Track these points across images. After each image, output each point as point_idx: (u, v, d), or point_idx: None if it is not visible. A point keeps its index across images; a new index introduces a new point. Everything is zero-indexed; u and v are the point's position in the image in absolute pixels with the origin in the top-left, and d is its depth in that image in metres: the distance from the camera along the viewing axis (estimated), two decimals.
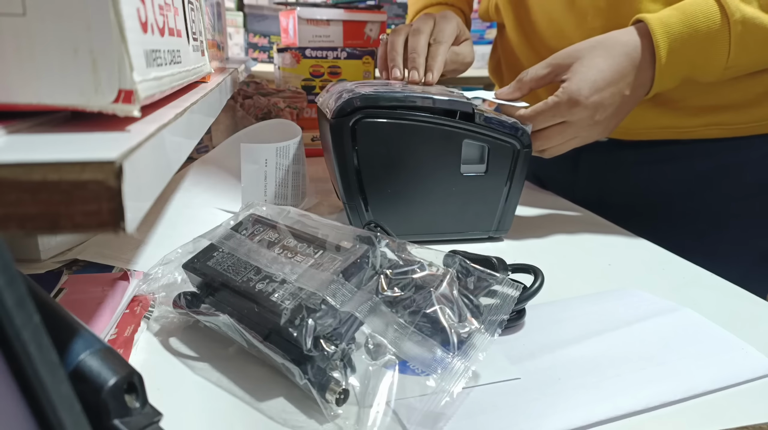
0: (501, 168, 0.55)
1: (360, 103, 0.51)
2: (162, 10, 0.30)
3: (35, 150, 0.20)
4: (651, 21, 0.56)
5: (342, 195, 0.56)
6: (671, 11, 0.56)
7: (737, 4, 0.54)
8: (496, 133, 0.54)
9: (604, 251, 0.58)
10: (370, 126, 0.52)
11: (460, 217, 0.57)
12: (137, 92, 0.23)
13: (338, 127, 0.52)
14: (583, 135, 0.59)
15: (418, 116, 0.52)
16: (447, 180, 0.55)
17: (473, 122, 0.53)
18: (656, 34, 0.55)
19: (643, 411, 0.32)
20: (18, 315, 0.16)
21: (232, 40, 2.16)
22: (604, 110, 0.56)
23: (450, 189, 0.55)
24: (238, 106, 1.02)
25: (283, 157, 0.61)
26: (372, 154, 0.53)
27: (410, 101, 0.52)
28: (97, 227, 0.19)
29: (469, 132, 0.53)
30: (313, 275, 0.35)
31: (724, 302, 0.47)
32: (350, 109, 0.51)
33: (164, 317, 0.40)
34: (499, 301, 0.38)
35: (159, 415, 0.21)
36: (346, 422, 0.30)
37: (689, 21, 0.55)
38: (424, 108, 0.52)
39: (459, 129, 0.53)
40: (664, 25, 0.55)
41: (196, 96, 0.39)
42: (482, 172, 0.55)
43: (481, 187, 0.56)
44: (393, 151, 0.53)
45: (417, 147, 0.53)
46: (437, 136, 0.53)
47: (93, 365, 0.19)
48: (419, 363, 0.33)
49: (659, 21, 0.55)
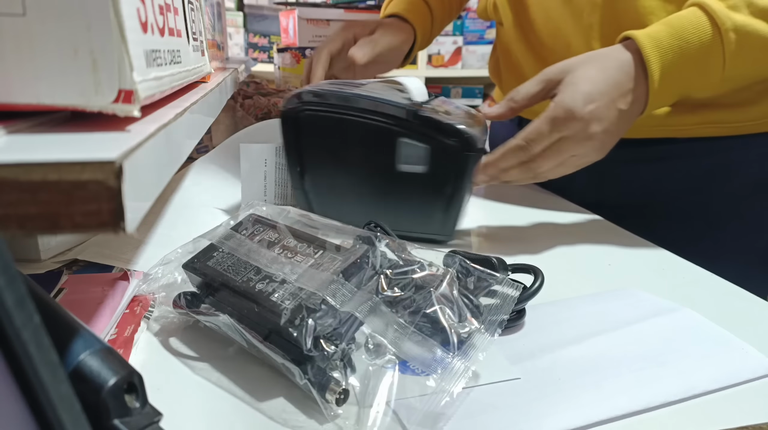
0: (442, 170, 0.53)
1: (304, 97, 0.55)
2: (162, 10, 0.30)
3: (35, 150, 0.20)
4: (639, 37, 0.55)
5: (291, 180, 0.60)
6: (659, 26, 0.55)
7: (726, 13, 0.53)
8: (436, 134, 0.52)
9: (604, 251, 0.58)
10: (312, 119, 0.55)
11: (399, 214, 0.56)
12: (137, 92, 0.23)
13: (285, 119, 0.56)
14: (581, 152, 0.56)
15: (357, 113, 0.53)
16: (383, 177, 0.55)
17: (411, 122, 0.52)
18: (646, 48, 0.54)
19: (643, 411, 0.32)
20: (18, 315, 0.16)
21: (232, 40, 2.16)
22: (600, 122, 0.54)
23: (386, 186, 0.55)
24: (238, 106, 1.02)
25: (282, 156, 0.61)
26: (314, 145, 0.56)
27: (348, 99, 0.54)
28: (97, 227, 0.19)
29: (406, 131, 0.53)
30: (313, 275, 0.35)
31: (724, 302, 0.47)
32: (296, 103, 0.55)
33: (164, 317, 0.40)
34: (499, 301, 0.38)
35: (159, 415, 0.21)
36: (346, 422, 0.30)
37: (679, 34, 0.54)
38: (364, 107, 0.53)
39: (395, 128, 0.53)
40: (653, 39, 0.54)
41: (196, 96, 0.39)
42: (422, 171, 0.54)
43: (420, 187, 0.54)
44: (333, 145, 0.56)
45: (355, 142, 0.55)
46: (373, 133, 0.53)
47: (93, 365, 0.19)
48: (419, 363, 0.33)
49: (648, 36, 0.54)
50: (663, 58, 0.54)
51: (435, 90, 2.64)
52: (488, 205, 0.72)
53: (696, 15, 0.54)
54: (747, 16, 0.53)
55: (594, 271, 0.53)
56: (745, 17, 0.53)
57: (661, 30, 0.55)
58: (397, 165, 0.54)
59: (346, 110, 0.54)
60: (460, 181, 0.54)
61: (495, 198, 0.74)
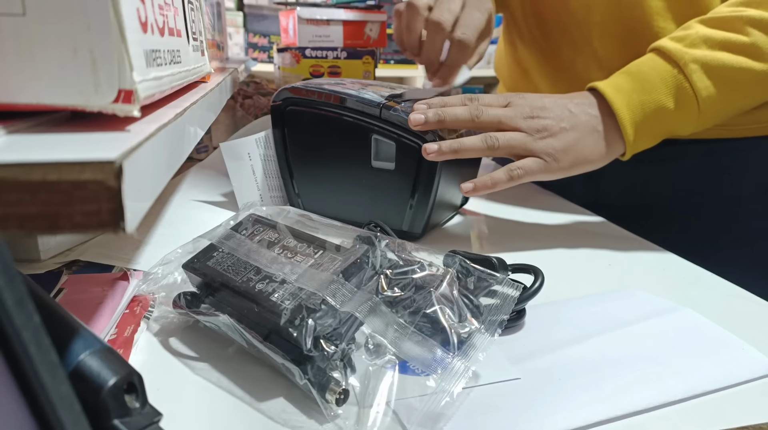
0: (407, 167, 0.55)
1: (290, 93, 0.59)
2: (162, 10, 0.30)
3: (35, 150, 0.20)
4: (601, 86, 0.56)
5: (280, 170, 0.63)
6: (617, 75, 0.56)
7: (682, 49, 0.54)
8: (401, 131, 0.54)
9: (604, 251, 0.58)
10: (295, 114, 0.59)
11: (372, 208, 0.58)
12: (137, 92, 0.23)
13: (273, 112, 0.60)
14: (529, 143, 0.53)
15: (336, 109, 0.56)
16: (359, 171, 0.57)
17: (381, 120, 0.54)
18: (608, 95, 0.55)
19: (643, 411, 0.32)
20: (18, 315, 0.16)
21: (232, 40, 2.16)
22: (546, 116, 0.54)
23: (361, 180, 0.57)
24: (238, 106, 1.02)
25: (266, 147, 0.62)
26: (298, 138, 0.60)
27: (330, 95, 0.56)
28: (97, 227, 0.19)
29: (377, 128, 0.55)
30: (313, 275, 0.35)
31: (724, 302, 0.47)
32: (283, 97, 0.59)
33: (164, 317, 0.40)
34: (499, 301, 0.38)
35: (159, 415, 0.21)
36: (346, 422, 0.30)
37: (638, 77, 0.55)
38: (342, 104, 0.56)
39: (368, 124, 0.55)
40: (614, 86, 0.55)
41: (196, 96, 0.39)
42: (391, 168, 0.56)
43: (390, 183, 0.56)
44: (315, 139, 0.59)
45: (334, 137, 0.58)
46: (350, 129, 0.56)
47: (93, 365, 0.19)
48: (419, 363, 0.33)
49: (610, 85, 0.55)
50: (628, 100, 0.54)
51: None
52: (488, 206, 0.72)
53: (653, 59, 0.56)
54: (706, 50, 0.54)
55: (594, 271, 0.53)
56: (705, 51, 0.54)
57: (620, 77, 0.56)
58: (372, 161, 0.56)
59: (327, 107, 0.57)
60: (425, 178, 0.54)
61: (495, 198, 0.74)
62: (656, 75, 0.55)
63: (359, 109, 0.55)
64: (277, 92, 0.60)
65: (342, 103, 0.56)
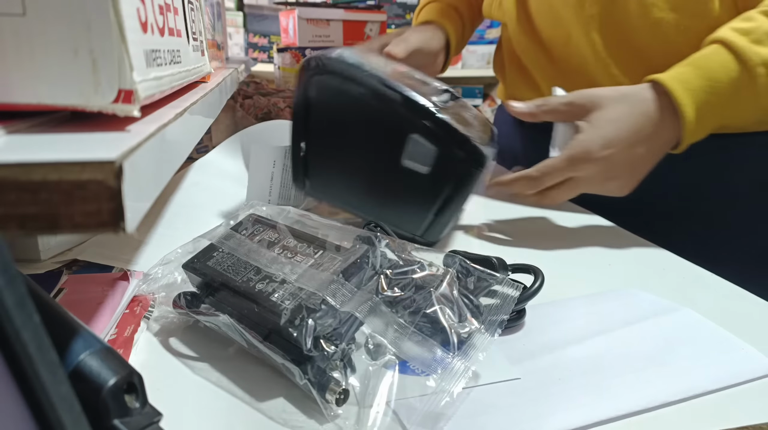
0: (442, 177, 0.51)
1: (325, 61, 0.52)
2: (162, 10, 0.30)
3: (35, 150, 0.20)
4: (667, 81, 0.55)
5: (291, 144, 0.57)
6: (685, 68, 0.55)
7: (752, 48, 0.53)
8: (447, 140, 0.50)
9: (604, 251, 0.58)
10: (327, 84, 0.52)
11: (391, 207, 0.54)
12: (137, 92, 0.23)
13: (304, 71, 0.53)
14: (593, 190, 0.59)
15: (378, 95, 0.51)
16: (385, 167, 0.53)
17: (427, 120, 0.50)
18: (676, 92, 0.54)
19: (643, 411, 0.32)
20: (18, 315, 0.16)
21: (232, 40, 2.16)
22: (614, 168, 0.56)
23: (386, 176, 0.53)
24: (238, 106, 1.02)
25: (288, 158, 0.61)
26: (324, 111, 0.54)
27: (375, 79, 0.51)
28: (97, 227, 0.19)
29: (419, 128, 0.50)
30: (313, 275, 0.35)
31: (724, 302, 0.47)
32: (315, 63, 0.52)
33: (164, 317, 0.40)
34: (499, 301, 0.38)
35: (159, 415, 0.21)
36: (346, 422, 0.30)
37: (707, 74, 0.54)
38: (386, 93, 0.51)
39: (410, 121, 0.50)
40: (682, 82, 0.55)
41: (196, 96, 0.39)
42: (424, 172, 0.52)
43: (418, 187, 0.52)
44: (344, 118, 0.53)
45: (367, 124, 0.53)
46: (386, 119, 0.51)
47: (93, 365, 0.19)
48: (419, 363, 0.33)
49: (676, 80, 0.55)
50: (696, 99, 0.54)
51: None
52: (488, 205, 0.72)
53: (721, 54, 0.55)
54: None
55: (594, 271, 0.53)
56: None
57: (687, 72, 0.55)
58: (402, 159, 0.52)
59: (368, 89, 0.51)
60: (458, 194, 0.52)
61: (495, 198, 0.74)
62: (726, 75, 0.54)
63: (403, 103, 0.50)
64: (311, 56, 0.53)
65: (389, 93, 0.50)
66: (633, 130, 0.55)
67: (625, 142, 0.55)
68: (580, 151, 0.55)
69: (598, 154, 0.55)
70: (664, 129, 0.56)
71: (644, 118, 0.56)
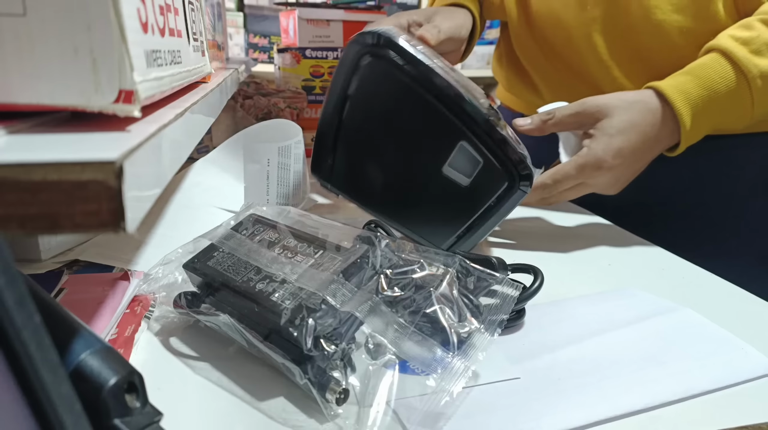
0: (483, 192, 0.49)
1: (384, 41, 0.47)
2: (162, 10, 0.30)
3: (35, 150, 0.20)
4: (668, 90, 0.56)
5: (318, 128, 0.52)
6: (685, 78, 0.57)
7: (750, 59, 0.54)
8: (497, 155, 0.48)
9: (604, 251, 0.58)
10: (380, 69, 0.47)
11: (418, 215, 0.51)
12: (137, 92, 0.23)
13: (350, 51, 0.49)
14: (598, 191, 0.60)
15: (431, 88, 0.47)
16: (424, 170, 0.49)
17: (480, 130, 0.47)
18: (676, 102, 0.56)
19: (643, 411, 0.32)
20: (18, 315, 0.16)
21: (232, 40, 2.16)
22: (624, 174, 0.58)
23: (421, 181, 0.50)
24: (239, 106, 1.02)
25: (285, 156, 0.61)
26: (367, 99, 0.49)
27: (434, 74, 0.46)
28: (98, 227, 0.19)
29: (470, 137, 0.47)
30: (313, 274, 0.35)
31: (724, 302, 0.47)
32: (372, 41, 0.47)
33: (164, 316, 0.40)
34: (499, 301, 0.38)
35: (159, 415, 0.21)
36: (346, 422, 0.30)
37: (706, 84, 0.56)
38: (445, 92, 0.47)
39: (462, 128, 0.47)
40: (682, 92, 0.56)
41: (197, 96, 0.39)
42: (464, 184, 0.49)
43: (455, 197, 0.49)
44: (388, 111, 0.49)
45: (414, 121, 0.48)
46: (436, 121, 0.48)
47: (93, 365, 0.19)
48: (419, 363, 0.33)
49: (676, 89, 0.56)
50: (693, 108, 0.56)
51: None
52: None
53: (720, 64, 0.56)
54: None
55: (594, 271, 0.53)
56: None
57: (687, 82, 0.56)
58: (444, 166, 0.49)
59: (426, 84, 0.47)
60: (497, 212, 0.49)
61: None
62: (724, 86, 0.56)
63: (462, 107, 0.47)
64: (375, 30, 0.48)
65: (448, 92, 0.46)
66: (641, 139, 0.57)
67: (635, 152, 0.57)
68: (592, 161, 0.56)
69: (610, 164, 0.56)
70: (665, 136, 0.58)
71: (650, 128, 0.57)
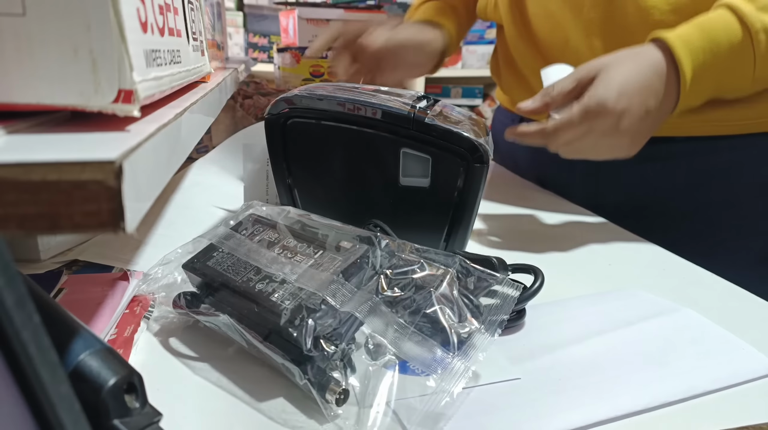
0: (446, 184, 0.48)
1: (293, 102, 0.50)
2: (162, 10, 0.30)
3: (35, 150, 0.20)
4: (671, 38, 0.55)
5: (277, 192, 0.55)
6: (689, 28, 0.56)
7: (756, 15, 0.54)
8: (440, 143, 0.46)
9: (604, 251, 0.58)
10: (300, 127, 0.50)
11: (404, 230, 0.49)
12: (137, 92, 0.23)
13: (269, 127, 0.52)
14: (606, 146, 0.57)
15: (351, 120, 0.48)
16: (384, 190, 0.49)
17: (413, 130, 0.46)
18: (677, 49, 0.55)
19: (643, 411, 0.32)
20: (18, 315, 0.16)
21: (232, 40, 2.16)
22: (630, 118, 0.55)
23: (387, 200, 0.50)
24: (238, 106, 1.02)
25: None
26: (303, 155, 0.52)
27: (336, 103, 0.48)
28: (97, 227, 0.19)
29: (408, 140, 0.47)
30: (313, 275, 0.35)
31: (724, 302, 0.47)
32: (283, 107, 0.50)
33: (164, 317, 0.40)
34: (499, 301, 0.38)
35: (159, 415, 0.21)
36: (346, 423, 0.30)
37: (709, 36, 0.55)
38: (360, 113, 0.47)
39: (396, 136, 0.47)
40: (685, 41, 0.55)
41: (196, 96, 0.39)
42: (426, 185, 0.48)
43: (425, 201, 0.49)
44: (325, 155, 0.51)
45: (350, 152, 0.49)
46: (371, 142, 0.48)
47: (93, 365, 0.19)
48: (419, 363, 0.33)
49: (679, 38, 0.55)
50: (695, 59, 0.55)
51: (435, 90, 2.63)
52: (488, 205, 0.72)
53: (725, 17, 0.55)
54: None
55: (594, 271, 0.53)
56: None
57: (691, 32, 0.55)
58: (400, 178, 0.49)
59: (338, 118, 0.48)
60: (467, 198, 0.48)
61: (495, 198, 0.74)
62: (727, 38, 0.55)
63: (384, 119, 0.47)
64: (272, 104, 0.51)
65: (360, 113, 0.47)
66: (644, 82, 0.55)
67: (638, 94, 0.54)
68: (595, 104, 0.53)
69: (613, 106, 0.53)
70: (669, 85, 0.56)
71: (652, 73, 0.55)
